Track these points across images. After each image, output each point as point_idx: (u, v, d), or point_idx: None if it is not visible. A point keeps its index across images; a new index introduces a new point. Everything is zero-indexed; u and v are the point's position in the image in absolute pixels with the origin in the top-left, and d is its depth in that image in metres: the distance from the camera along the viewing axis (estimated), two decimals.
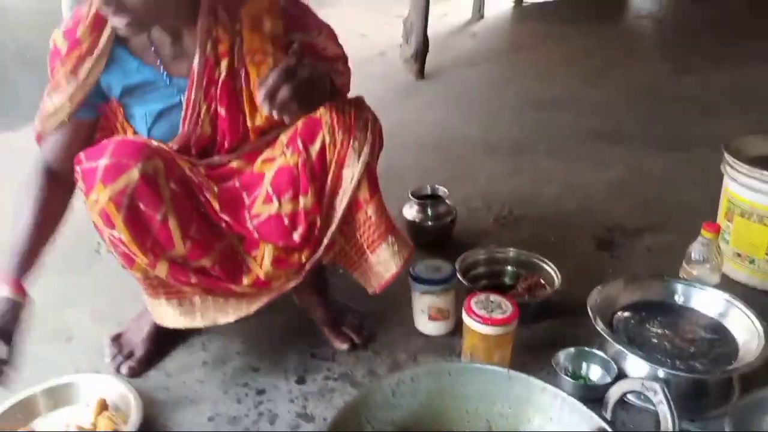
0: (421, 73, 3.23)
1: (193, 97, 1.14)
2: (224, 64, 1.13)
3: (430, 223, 1.68)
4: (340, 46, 1.26)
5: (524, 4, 5.05)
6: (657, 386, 0.77)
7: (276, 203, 1.16)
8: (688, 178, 2.09)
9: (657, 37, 4.14)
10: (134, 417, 1.11)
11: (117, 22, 1.02)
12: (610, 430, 0.80)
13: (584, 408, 0.83)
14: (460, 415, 0.93)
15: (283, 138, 1.19)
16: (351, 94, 1.25)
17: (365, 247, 1.23)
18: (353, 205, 1.18)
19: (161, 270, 1.12)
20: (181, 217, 1.10)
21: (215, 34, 1.12)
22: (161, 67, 1.16)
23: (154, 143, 1.13)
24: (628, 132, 2.52)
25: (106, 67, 1.14)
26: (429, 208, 1.68)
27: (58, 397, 1.20)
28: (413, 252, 1.28)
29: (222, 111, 1.16)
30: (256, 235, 1.18)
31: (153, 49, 1.15)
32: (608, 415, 0.82)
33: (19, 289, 1.06)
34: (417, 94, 3.07)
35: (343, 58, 1.27)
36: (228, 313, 1.22)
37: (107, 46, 1.12)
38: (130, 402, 1.15)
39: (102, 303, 1.52)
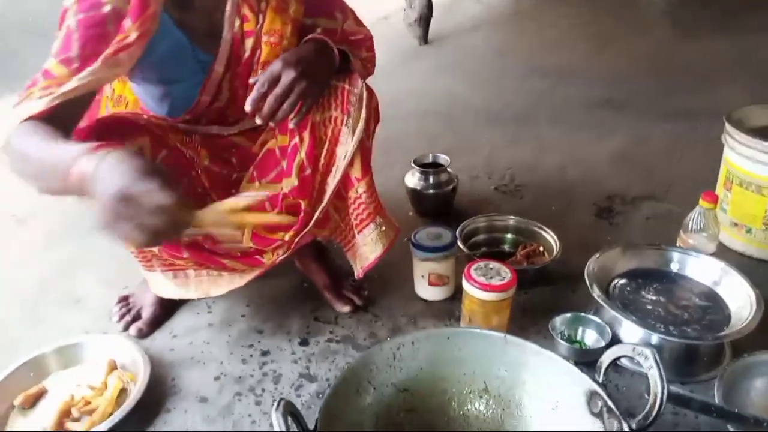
0: (424, 39, 3.21)
1: (215, 71, 1.13)
2: (249, 43, 1.13)
3: (431, 191, 1.70)
4: (365, 29, 1.26)
5: None
6: (648, 351, 0.79)
7: (257, 183, 1.18)
8: (690, 148, 2.09)
9: (663, 5, 4.08)
10: (142, 376, 1.15)
11: None
12: (601, 392, 0.83)
13: (577, 370, 0.86)
14: (458, 377, 0.96)
15: None
16: None
17: (354, 226, 1.24)
18: (345, 182, 1.19)
19: None
20: None
21: (243, 12, 1.11)
22: (189, 38, 1.11)
23: (144, 118, 1.12)
24: (632, 101, 2.52)
25: None
26: (431, 177, 1.70)
27: (68, 356, 1.24)
28: (399, 234, 1.29)
29: (240, 89, 1.15)
30: None
31: (182, 19, 1.09)
32: (600, 379, 0.85)
33: (105, 146, 0.86)
34: (420, 60, 3.06)
35: (368, 42, 1.27)
36: (221, 286, 1.25)
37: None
38: (138, 362, 1.19)
39: (108, 268, 1.55)
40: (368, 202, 1.20)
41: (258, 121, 1.05)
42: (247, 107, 1.02)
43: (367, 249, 1.25)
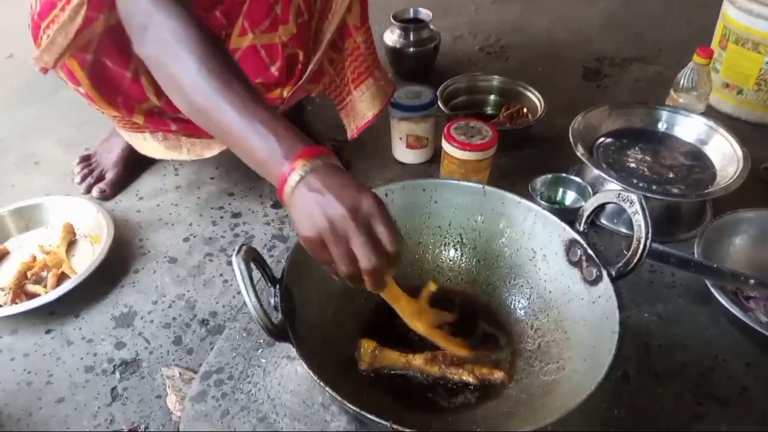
0: None
1: None
2: None
3: (411, 49, 1.59)
4: None
5: None
6: (634, 197, 0.75)
7: (251, 35, 1.05)
8: (685, 11, 1.97)
9: None
10: (106, 237, 1.10)
11: None
12: (581, 240, 0.80)
13: (557, 221, 0.83)
14: (433, 230, 0.92)
15: None
16: None
17: (350, 81, 1.15)
18: (342, 31, 1.08)
19: (138, 119, 1.03)
20: None
21: None
22: None
23: None
24: None
25: None
26: (411, 33, 1.58)
27: (29, 218, 1.19)
28: (395, 90, 1.23)
29: None
30: None
31: None
32: (582, 228, 0.82)
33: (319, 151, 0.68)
34: None
35: None
36: (213, 148, 1.15)
37: None
38: (101, 223, 1.14)
39: (69, 130, 1.46)
40: (367, 54, 1.11)
41: None
42: None
43: (363, 106, 1.17)
